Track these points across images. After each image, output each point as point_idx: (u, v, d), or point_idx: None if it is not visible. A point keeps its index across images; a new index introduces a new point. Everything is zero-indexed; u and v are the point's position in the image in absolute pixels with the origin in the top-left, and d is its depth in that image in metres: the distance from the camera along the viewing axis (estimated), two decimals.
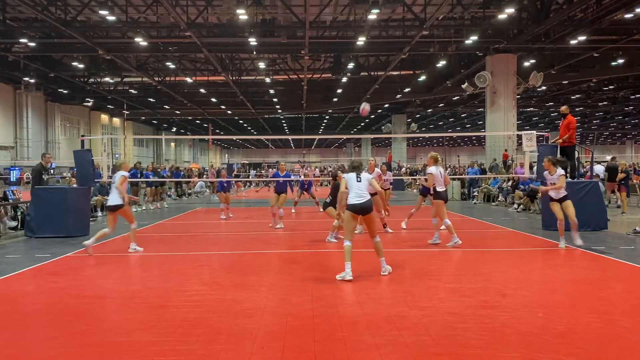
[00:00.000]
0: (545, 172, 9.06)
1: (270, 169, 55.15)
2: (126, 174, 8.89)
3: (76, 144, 34.90)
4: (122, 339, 4.45)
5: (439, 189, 9.26)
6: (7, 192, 12.53)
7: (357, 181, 6.72)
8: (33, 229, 10.86)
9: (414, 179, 27.06)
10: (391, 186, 15.01)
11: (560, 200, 8.85)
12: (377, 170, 11.80)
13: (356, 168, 6.85)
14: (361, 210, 6.68)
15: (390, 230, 11.29)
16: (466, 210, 16.92)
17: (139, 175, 19.61)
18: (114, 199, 8.72)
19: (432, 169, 9.31)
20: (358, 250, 9.21)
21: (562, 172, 8.90)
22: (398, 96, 37.08)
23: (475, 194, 20.65)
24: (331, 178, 11.55)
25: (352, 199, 6.68)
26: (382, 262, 6.80)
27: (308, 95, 36.81)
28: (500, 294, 5.81)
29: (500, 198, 18.57)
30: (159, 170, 20.84)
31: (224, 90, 38.12)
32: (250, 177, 40.02)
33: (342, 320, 4.89)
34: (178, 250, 9.13)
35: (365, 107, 11.82)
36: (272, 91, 38.11)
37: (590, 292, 5.95)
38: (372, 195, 7.42)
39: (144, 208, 18.06)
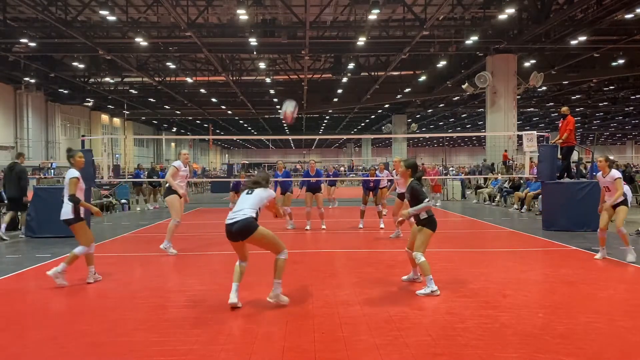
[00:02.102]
0: (599, 174, 8.14)
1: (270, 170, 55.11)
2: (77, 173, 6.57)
3: (76, 144, 34.92)
4: (122, 339, 4.45)
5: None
6: (2, 193, 12.51)
7: (248, 193, 5.45)
8: (33, 229, 10.86)
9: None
10: (388, 183, 15.01)
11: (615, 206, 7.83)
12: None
13: (257, 183, 5.54)
14: (229, 234, 5.27)
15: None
16: (466, 210, 16.92)
17: (142, 175, 19.68)
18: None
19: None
20: (358, 250, 9.23)
21: (619, 174, 7.89)
22: (398, 96, 37.11)
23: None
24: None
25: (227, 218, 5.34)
26: (275, 285, 5.38)
27: (308, 95, 36.83)
28: (500, 294, 5.81)
29: (497, 199, 18.55)
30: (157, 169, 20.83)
31: (224, 91, 38.15)
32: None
33: (342, 320, 4.89)
34: (178, 250, 9.11)
35: (287, 110, 9.08)
36: (272, 91, 38.13)
37: (590, 293, 5.95)
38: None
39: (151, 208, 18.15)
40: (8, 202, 11.31)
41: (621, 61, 28.25)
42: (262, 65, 30.42)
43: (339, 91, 36.69)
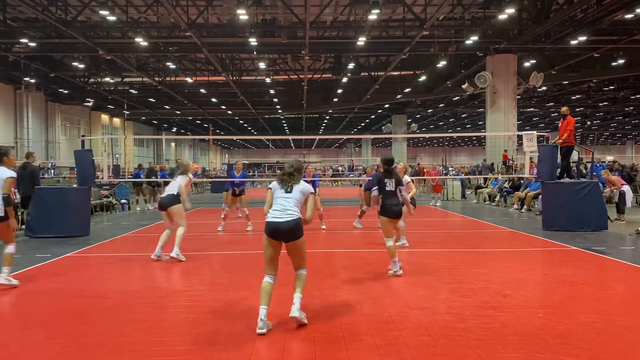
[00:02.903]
0: None
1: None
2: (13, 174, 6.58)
3: (76, 144, 34.84)
4: (122, 339, 4.45)
5: None
6: None
7: (286, 192, 4.94)
8: (33, 229, 10.86)
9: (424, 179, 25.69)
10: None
11: None
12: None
13: (290, 175, 5.00)
14: (276, 233, 4.80)
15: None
16: (466, 210, 16.92)
17: (141, 175, 19.67)
18: None
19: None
20: (359, 250, 9.23)
21: None
22: (398, 96, 37.09)
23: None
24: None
25: (270, 216, 4.88)
26: (296, 299, 4.82)
27: (308, 95, 36.82)
28: (500, 294, 5.81)
29: (497, 199, 18.55)
30: (156, 170, 20.82)
31: (224, 91, 38.14)
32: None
33: (342, 320, 4.89)
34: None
35: None
36: (272, 91, 38.12)
37: (590, 292, 5.95)
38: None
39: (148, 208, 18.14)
40: (21, 200, 11.62)
41: (621, 61, 28.22)
42: (262, 65, 30.40)
43: (339, 91, 36.67)
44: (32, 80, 33.64)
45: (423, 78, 31.63)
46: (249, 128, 66.26)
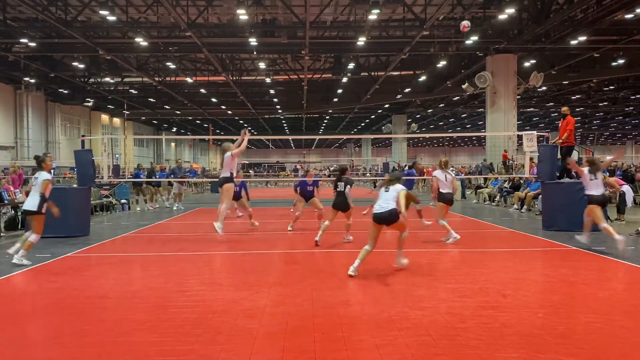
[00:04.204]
0: None
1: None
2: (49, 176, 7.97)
3: (76, 144, 34.87)
4: (122, 339, 4.45)
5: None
6: (2, 193, 12.57)
7: (385, 191, 7.04)
8: None
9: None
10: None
11: None
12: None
13: (391, 181, 7.15)
14: (378, 220, 6.97)
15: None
16: (466, 210, 16.92)
17: (141, 175, 19.66)
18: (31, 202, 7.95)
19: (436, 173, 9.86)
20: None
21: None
22: (398, 96, 37.09)
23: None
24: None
25: (375, 208, 7.06)
26: (399, 254, 7.29)
27: (308, 95, 36.83)
28: (500, 294, 5.81)
29: (497, 199, 18.55)
30: (154, 170, 20.79)
31: (224, 91, 38.15)
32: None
33: (342, 320, 4.89)
34: (178, 251, 9.12)
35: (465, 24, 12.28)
36: (272, 91, 38.14)
37: (590, 292, 5.95)
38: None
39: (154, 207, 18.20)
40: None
41: (621, 61, 28.24)
42: (262, 65, 30.41)
43: (339, 91, 36.68)
44: (32, 80, 33.66)
45: (423, 78, 31.64)
46: (249, 128, 66.10)
